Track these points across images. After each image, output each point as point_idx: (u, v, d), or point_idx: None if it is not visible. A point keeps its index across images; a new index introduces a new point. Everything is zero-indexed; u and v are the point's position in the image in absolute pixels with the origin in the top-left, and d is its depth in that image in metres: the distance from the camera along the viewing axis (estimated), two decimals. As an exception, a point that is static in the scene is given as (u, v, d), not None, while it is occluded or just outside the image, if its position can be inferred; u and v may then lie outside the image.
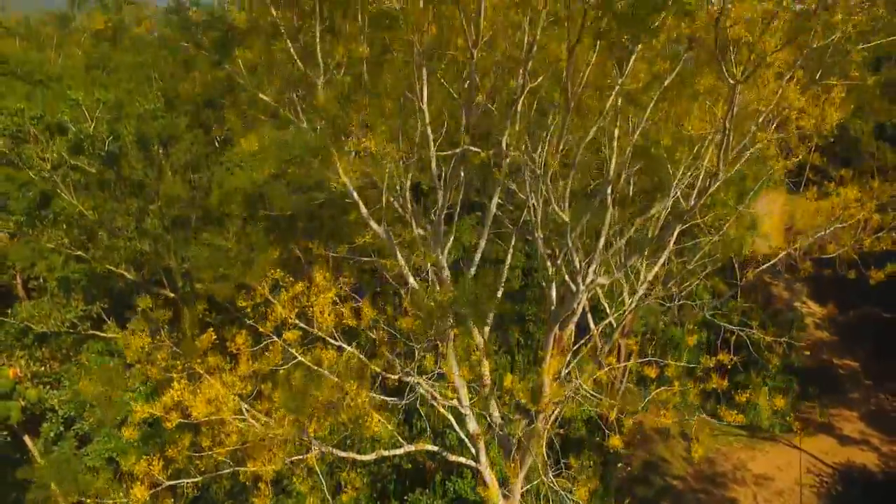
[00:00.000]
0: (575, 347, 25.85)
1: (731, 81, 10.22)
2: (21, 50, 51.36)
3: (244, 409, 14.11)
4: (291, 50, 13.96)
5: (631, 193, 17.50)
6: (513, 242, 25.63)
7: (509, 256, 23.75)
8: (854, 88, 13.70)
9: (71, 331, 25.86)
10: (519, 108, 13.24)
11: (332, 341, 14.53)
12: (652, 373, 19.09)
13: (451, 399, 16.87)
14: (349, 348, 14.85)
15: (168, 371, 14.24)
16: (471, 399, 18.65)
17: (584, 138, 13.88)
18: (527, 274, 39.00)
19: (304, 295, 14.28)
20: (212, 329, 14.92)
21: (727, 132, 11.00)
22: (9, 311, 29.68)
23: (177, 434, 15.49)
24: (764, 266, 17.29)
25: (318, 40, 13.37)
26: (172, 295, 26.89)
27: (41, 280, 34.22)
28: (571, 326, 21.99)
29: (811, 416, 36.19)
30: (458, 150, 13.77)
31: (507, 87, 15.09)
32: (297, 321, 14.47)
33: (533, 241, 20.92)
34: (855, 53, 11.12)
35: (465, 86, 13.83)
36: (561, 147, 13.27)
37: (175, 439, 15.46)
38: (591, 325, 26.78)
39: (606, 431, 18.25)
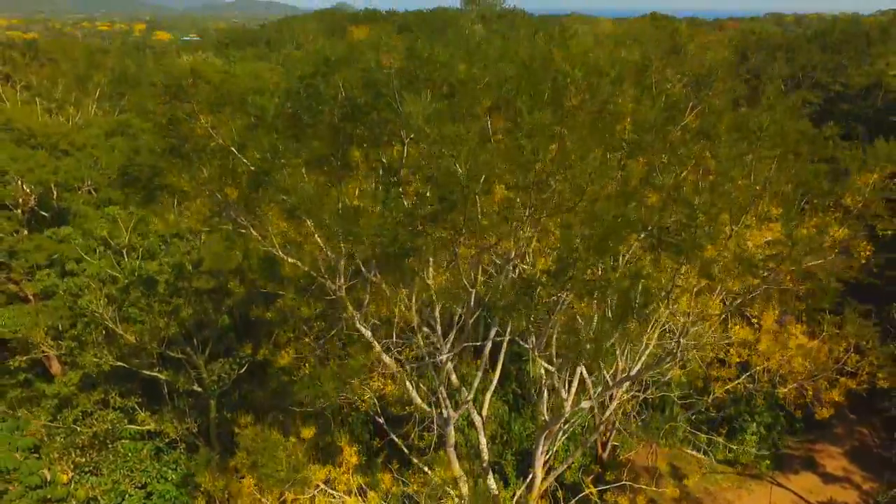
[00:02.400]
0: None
1: (682, 320, 12.42)
2: (42, 113, 53.58)
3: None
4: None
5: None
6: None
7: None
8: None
9: (109, 427, 28.37)
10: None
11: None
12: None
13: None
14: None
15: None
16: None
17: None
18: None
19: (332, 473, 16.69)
20: (249, 477, 17.21)
21: (679, 346, 13.24)
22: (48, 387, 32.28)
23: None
24: (735, 382, 19.46)
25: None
26: (201, 390, 29.20)
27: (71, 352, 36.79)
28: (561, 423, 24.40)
29: (797, 452, 38.23)
30: (456, 351, 16.14)
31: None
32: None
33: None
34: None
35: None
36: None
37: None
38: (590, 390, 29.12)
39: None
